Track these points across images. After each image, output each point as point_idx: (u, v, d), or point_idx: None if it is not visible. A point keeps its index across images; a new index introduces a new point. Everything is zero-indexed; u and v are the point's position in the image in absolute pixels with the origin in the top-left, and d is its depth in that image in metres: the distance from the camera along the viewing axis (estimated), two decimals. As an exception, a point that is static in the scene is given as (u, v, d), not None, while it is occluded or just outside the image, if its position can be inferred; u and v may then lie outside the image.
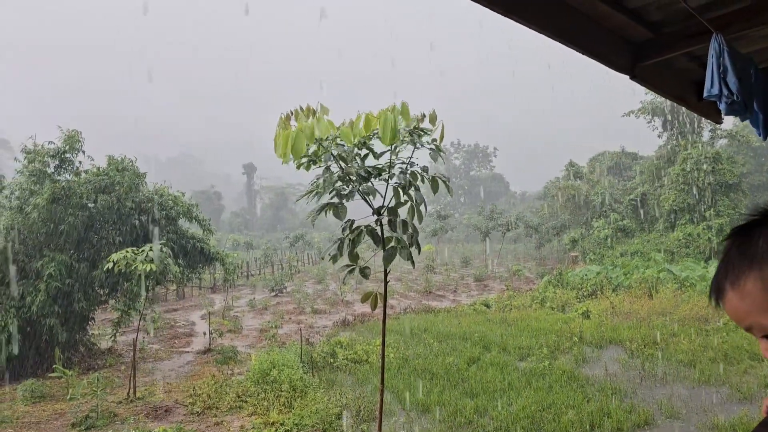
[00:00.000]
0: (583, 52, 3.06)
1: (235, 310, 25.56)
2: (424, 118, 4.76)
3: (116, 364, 14.83)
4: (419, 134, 4.78)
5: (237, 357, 14.84)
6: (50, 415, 10.32)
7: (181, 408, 10.47)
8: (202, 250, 16.17)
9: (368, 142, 4.81)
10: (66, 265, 13.64)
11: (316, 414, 9.06)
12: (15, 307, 13.10)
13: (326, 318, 22.45)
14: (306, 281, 39.97)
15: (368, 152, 4.87)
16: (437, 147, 4.81)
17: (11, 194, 14.74)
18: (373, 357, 13.20)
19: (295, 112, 4.42)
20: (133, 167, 15.30)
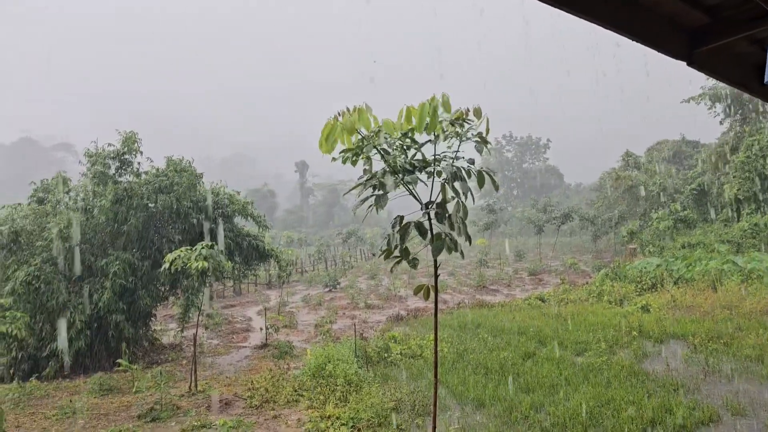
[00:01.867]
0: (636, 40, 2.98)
1: (290, 306, 25.99)
2: (468, 111, 4.73)
3: (178, 358, 15.31)
4: (461, 125, 4.74)
5: (293, 352, 15.11)
6: (117, 408, 10.76)
7: (240, 401, 10.74)
8: (257, 247, 16.49)
9: (411, 135, 4.80)
10: (129, 264, 14.17)
11: (371, 408, 9.14)
12: (84, 303, 13.69)
13: (380, 313, 22.57)
14: (359, 277, 40.25)
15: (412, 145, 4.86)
16: (483, 139, 4.77)
17: (77, 196, 15.39)
18: (427, 352, 13.21)
19: (342, 112, 4.47)
20: (191, 168, 15.74)
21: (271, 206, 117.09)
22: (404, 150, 4.81)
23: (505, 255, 52.27)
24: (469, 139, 4.77)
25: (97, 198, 14.54)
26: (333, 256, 60.54)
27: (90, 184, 14.96)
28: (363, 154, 4.74)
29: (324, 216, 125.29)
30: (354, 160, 4.80)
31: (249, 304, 28.18)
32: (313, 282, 36.97)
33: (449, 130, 4.72)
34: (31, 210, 14.88)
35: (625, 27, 2.95)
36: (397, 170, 4.68)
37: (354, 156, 4.76)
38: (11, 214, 14.66)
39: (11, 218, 14.37)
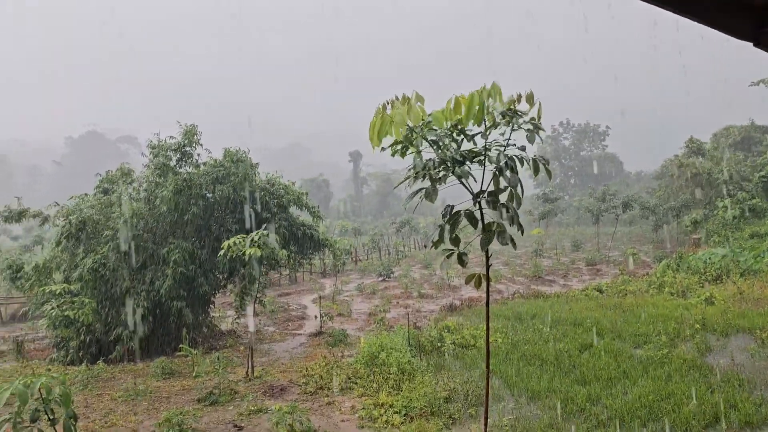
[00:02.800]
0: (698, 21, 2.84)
1: (344, 294, 26.25)
2: (520, 98, 4.62)
3: (235, 344, 15.71)
4: (513, 115, 4.64)
5: (347, 340, 15.27)
6: (179, 390, 11.13)
7: (296, 387, 10.94)
8: (312, 236, 16.70)
9: (461, 126, 4.72)
10: (189, 252, 14.59)
11: (424, 397, 9.16)
12: (146, 290, 14.20)
13: (433, 302, 22.54)
14: (413, 266, 40.26)
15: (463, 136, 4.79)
16: (536, 126, 4.65)
17: (139, 187, 15.94)
18: (480, 342, 13.12)
19: (391, 101, 4.44)
20: (247, 158, 16.04)
21: (326, 196, 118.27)
22: (454, 140, 4.75)
23: (561, 245, 51.23)
24: (521, 128, 4.68)
25: (159, 188, 15.01)
26: (387, 245, 60.71)
27: (152, 175, 15.46)
28: (413, 147, 4.72)
29: (378, 205, 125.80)
30: (403, 152, 4.78)
31: (304, 292, 28.62)
32: (367, 271, 37.21)
33: (500, 119, 4.63)
34: (97, 200, 15.50)
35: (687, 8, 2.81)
36: (447, 161, 4.63)
37: (403, 148, 4.74)
38: (79, 204, 15.31)
39: (79, 208, 15.00)
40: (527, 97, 4.58)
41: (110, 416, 9.60)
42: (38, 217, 15.30)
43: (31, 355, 15.32)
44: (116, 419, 9.43)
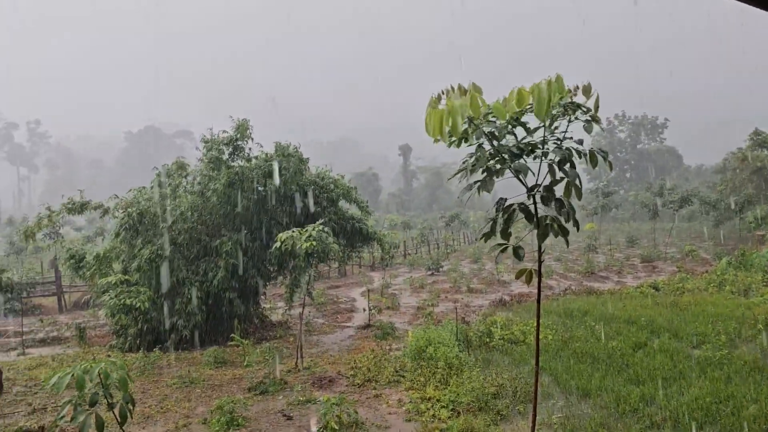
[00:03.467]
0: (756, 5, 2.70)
1: (392, 288, 26.31)
2: (577, 89, 4.51)
3: (285, 335, 15.96)
4: (573, 108, 4.54)
5: (395, 333, 15.31)
6: (230, 379, 11.40)
7: (343, 379, 11.04)
8: (361, 230, 16.79)
9: (521, 118, 4.65)
10: (241, 244, 14.89)
11: (471, 392, 9.10)
12: (200, 281, 14.57)
13: (482, 297, 22.35)
14: (462, 260, 40.02)
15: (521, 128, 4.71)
16: (593, 118, 4.54)
17: (194, 180, 16.33)
18: (530, 338, 12.94)
19: (446, 91, 4.39)
20: (297, 153, 16.23)
21: (375, 190, 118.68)
22: (512, 133, 4.67)
23: (615, 240, 49.99)
24: (578, 119, 4.57)
25: (212, 182, 15.35)
26: (436, 239, 60.52)
27: (205, 169, 15.82)
28: (471, 139, 4.66)
29: (427, 199, 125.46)
30: (459, 143, 4.73)
31: (353, 285, 28.83)
32: (415, 265, 37.19)
33: (560, 113, 4.54)
34: (154, 193, 15.96)
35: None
36: (504, 154, 4.57)
37: (460, 140, 4.69)
38: (137, 197, 15.81)
39: (137, 201, 15.50)
40: (584, 88, 4.46)
41: (165, 402, 9.91)
42: (99, 209, 15.86)
43: (92, 342, 15.96)
44: (171, 405, 9.72)
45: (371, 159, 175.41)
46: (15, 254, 41.02)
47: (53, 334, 17.13)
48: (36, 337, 16.67)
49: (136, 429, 8.53)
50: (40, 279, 26.89)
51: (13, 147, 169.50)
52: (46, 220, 15.37)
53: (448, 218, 62.68)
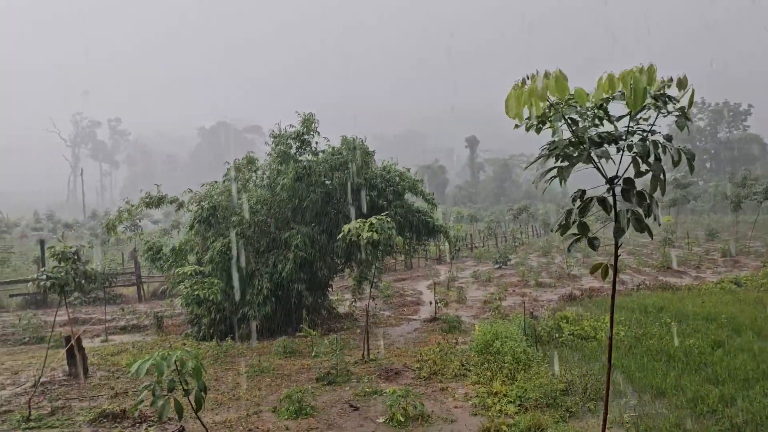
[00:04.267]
0: None
1: (459, 281, 26.16)
2: (671, 81, 4.30)
3: (352, 327, 16.15)
4: (665, 101, 4.33)
5: (461, 326, 15.22)
6: (298, 369, 11.64)
7: (409, 372, 11.07)
8: (427, 223, 16.75)
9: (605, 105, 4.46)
10: (309, 237, 15.15)
11: (539, 388, 8.94)
12: (269, 273, 14.93)
13: (551, 292, 21.90)
14: (530, 254, 39.32)
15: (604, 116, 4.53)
16: (684, 114, 4.32)
17: (263, 174, 16.72)
18: (601, 334, 12.58)
19: (532, 76, 4.31)
20: (363, 146, 16.34)
21: (442, 182, 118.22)
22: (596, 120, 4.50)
23: (694, 234, 47.85)
24: (670, 113, 4.36)
25: (280, 176, 15.66)
26: (503, 232, 59.72)
27: (274, 163, 16.17)
28: (551, 123, 4.54)
29: (495, 191, 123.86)
30: (539, 128, 4.62)
31: (419, 278, 28.84)
32: (482, 258, 36.82)
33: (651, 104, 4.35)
34: (226, 187, 16.46)
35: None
36: (584, 142, 4.42)
37: (539, 124, 4.57)
38: (209, 191, 16.34)
39: (209, 195, 16.02)
40: (679, 81, 4.25)
41: (237, 390, 10.23)
42: (174, 203, 16.49)
43: (169, 330, 16.65)
44: (242, 393, 10.02)
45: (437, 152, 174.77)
46: (99, 246, 43.24)
47: (133, 322, 17.99)
48: (118, 325, 17.55)
49: (210, 415, 8.83)
50: (121, 270, 28.27)
51: (96, 144, 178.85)
52: (126, 213, 16.11)
53: (516, 211, 61.67)
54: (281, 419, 8.60)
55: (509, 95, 4.22)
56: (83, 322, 18.50)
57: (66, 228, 71.69)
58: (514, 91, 4.19)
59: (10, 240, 61.87)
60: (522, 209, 61.37)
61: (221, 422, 8.53)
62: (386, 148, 34.52)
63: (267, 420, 8.63)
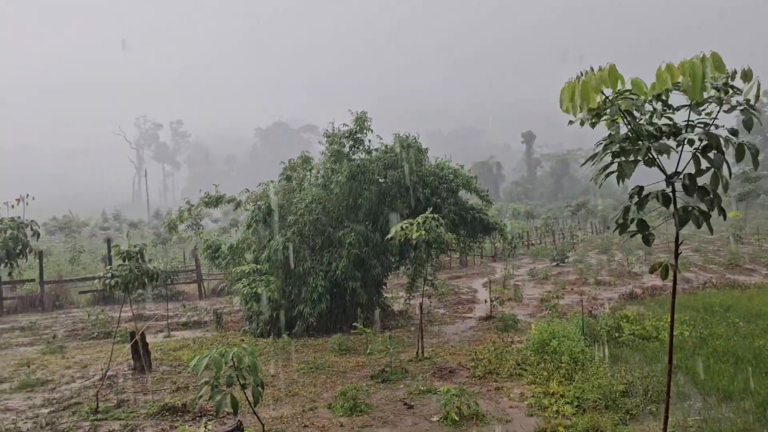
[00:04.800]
0: None
1: (515, 279, 25.80)
2: (735, 74, 4.11)
3: (407, 325, 16.15)
4: (726, 91, 4.14)
5: (517, 325, 15.00)
6: (353, 366, 11.72)
7: (464, 371, 10.99)
8: (482, 220, 16.58)
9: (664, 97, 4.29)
10: (363, 235, 15.23)
11: (598, 389, 8.72)
12: (324, 271, 15.09)
13: (611, 290, 21.33)
14: (589, 251, 38.43)
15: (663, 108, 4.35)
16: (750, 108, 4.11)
17: (317, 173, 16.90)
18: (663, 334, 12.15)
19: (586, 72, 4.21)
20: (416, 143, 16.30)
21: (497, 178, 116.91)
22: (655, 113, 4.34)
23: (764, 229, 45.66)
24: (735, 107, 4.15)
25: (334, 174, 15.80)
26: (561, 229, 58.60)
27: (328, 162, 16.32)
28: (607, 117, 4.41)
29: (552, 187, 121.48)
30: (594, 122, 4.50)
31: (474, 276, 28.61)
32: (539, 255, 36.21)
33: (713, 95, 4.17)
34: (281, 186, 16.74)
35: None
36: (643, 136, 4.28)
37: (595, 117, 4.45)
38: (266, 190, 16.65)
39: (266, 194, 16.32)
40: (743, 72, 4.06)
41: (293, 386, 10.38)
42: (232, 203, 16.89)
43: (228, 326, 17.06)
44: (298, 389, 10.17)
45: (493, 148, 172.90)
46: (161, 245, 44.76)
47: (194, 319, 18.53)
48: (179, 321, 18.11)
49: (267, 410, 9.00)
50: (183, 267, 29.18)
51: (158, 146, 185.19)
52: (186, 213, 16.61)
53: (575, 207, 60.35)
54: (336, 416, 8.69)
55: (563, 89, 4.15)
56: (147, 318, 19.17)
57: (131, 227, 74.52)
58: (567, 85, 4.10)
59: (80, 239, 64.75)
60: (580, 205, 59.99)
61: (278, 417, 8.68)
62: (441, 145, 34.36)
63: (322, 416, 8.73)
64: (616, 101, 4.24)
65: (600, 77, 4.00)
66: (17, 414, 9.41)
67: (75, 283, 24.84)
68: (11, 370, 12.49)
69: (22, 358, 13.77)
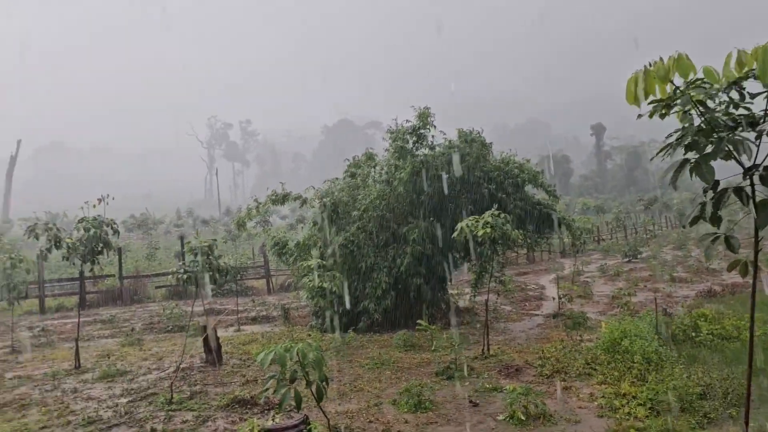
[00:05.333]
0: None
1: (584, 276, 25.14)
2: None
3: (472, 322, 15.99)
4: None
5: (586, 323, 14.60)
6: (418, 363, 11.70)
7: (531, 369, 10.78)
8: (549, 215, 16.21)
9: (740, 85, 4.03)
10: (426, 231, 15.16)
11: (673, 391, 8.35)
12: (388, 267, 15.13)
13: (687, 287, 20.44)
14: (663, 246, 36.98)
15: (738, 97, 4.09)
16: None
17: (381, 170, 16.94)
18: (745, 334, 11.51)
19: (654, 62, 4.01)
20: (480, 138, 16.09)
21: (566, 172, 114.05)
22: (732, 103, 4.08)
23: None
24: None
25: (398, 171, 15.79)
26: (633, 223, 56.61)
27: (392, 159, 16.33)
28: (678, 108, 4.19)
29: (623, 181, 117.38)
30: (663, 114, 4.29)
31: (542, 272, 28.05)
32: (610, 251, 35.15)
33: None
34: (346, 183, 16.89)
35: None
36: (719, 127, 4.04)
37: (664, 108, 4.24)
38: (330, 187, 16.84)
39: (330, 191, 16.51)
40: None
41: (358, 382, 10.46)
42: (298, 200, 17.19)
43: (295, 321, 17.39)
44: (363, 385, 10.24)
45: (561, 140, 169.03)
46: (231, 241, 46.11)
47: (263, 314, 18.99)
48: (249, 316, 18.60)
49: (333, 405, 9.10)
50: (252, 263, 29.96)
51: (228, 145, 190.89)
52: (254, 210, 17.02)
53: (648, 201, 58.16)
54: (401, 412, 8.69)
55: (629, 80, 3.96)
56: (218, 312, 19.80)
57: (203, 224, 77.14)
58: (633, 76, 3.92)
59: (156, 236, 67.59)
60: (654, 199, 57.76)
61: (343, 412, 8.77)
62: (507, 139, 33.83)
63: (387, 412, 8.75)
64: (687, 91, 4.01)
65: (668, 66, 3.80)
66: (98, 403, 9.91)
67: (151, 279, 25.95)
68: (93, 360, 13.16)
69: (103, 349, 14.50)
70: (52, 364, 13.10)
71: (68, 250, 12.05)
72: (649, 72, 3.88)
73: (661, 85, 3.90)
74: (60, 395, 10.48)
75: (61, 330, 17.68)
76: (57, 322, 19.56)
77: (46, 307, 22.26)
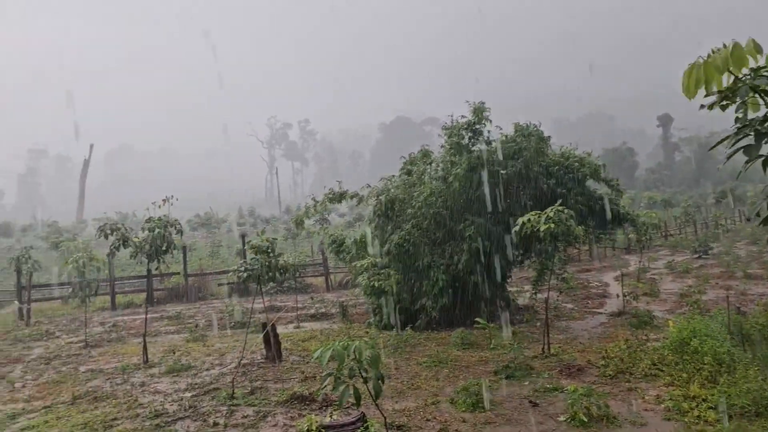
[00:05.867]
0: None
1: (651, 272, 24.28)
2: None
3: (532, 320, 15.66)
4: None
5: (653, 322, 14.08)
6: (476, 361, 11.55)
7: (593, 369, 10.46)
8: (611, 210, 15.70)
9: None
10: (484, 228, 14.93)
11: (747, 394, 7.93)
12: (445, 264, 14.99)
13: (763, 285, 19.42)
14: (737, 242, 35.30)
15: None
16: None
17: (437, 166, 16.80)
18: (827, 334, 10.83)
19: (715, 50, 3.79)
20: (538, 132, 15.72)
21: (631, 165, 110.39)
22: None
23: None
24: None
25: (454, 167, 15.60)
26: (703, 218, 54.31)
27: (447, 155, 16.17)
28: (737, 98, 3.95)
29: (692, 174, 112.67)
30: (724, 105, 4.06)
31: (605, 269, 27.27)
32: (678, 247, 33.83)
33: None
34: (402, 181, 16.85)
35: None
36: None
37: (723, 100, 4.01)
38: (387, 185, 16.84)
39: (387, 189, 16.50)
40: None
41: (415, 379, 10.42)
42: (355, 198, 17.27)
43: (353, 318, 17.49)
44: (421, 383, 10.19)
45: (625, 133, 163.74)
46: (291, 239, 46.87)
47: (321, 311, 19.21)
48: (308, 313, 18.84)
49: (390, 402, 9.09)
50: (310, 261, 30.35)
51: (288, 144, 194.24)
52: (312, 209, 17.21)
53: (719, 194, 55.61)
54: (458, 411, 8.60)
55: (685, 72, 3.74)
56: (278, 309, 20.15)
57: (264, 223, 78.75)
58: (690, 67, 3.70)
59: (219, 234, 69.48)
60: (726, 192, 55.19)
61: (400, 410, 8.74)
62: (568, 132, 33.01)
63: (444, 411, 8.67)
64: (746, 81, 3.76)
65: (725, 56, 3.56)
66: (165, 396, 10.25)
67: (214, 276, 26.68)
68: (160, 355, 13.62)
69: (169, 345, 14.99)
70: (122, 358, 13.65)
71: (135, 248, 12.53)
72: (705, 63, 3.66)
73: (717, 77, 3.68)
74: (129, 388, 10.90)
75: (131, 326, 18.41)
76: (127, 318, 20.39)
77: (116, 303, 23.23)
